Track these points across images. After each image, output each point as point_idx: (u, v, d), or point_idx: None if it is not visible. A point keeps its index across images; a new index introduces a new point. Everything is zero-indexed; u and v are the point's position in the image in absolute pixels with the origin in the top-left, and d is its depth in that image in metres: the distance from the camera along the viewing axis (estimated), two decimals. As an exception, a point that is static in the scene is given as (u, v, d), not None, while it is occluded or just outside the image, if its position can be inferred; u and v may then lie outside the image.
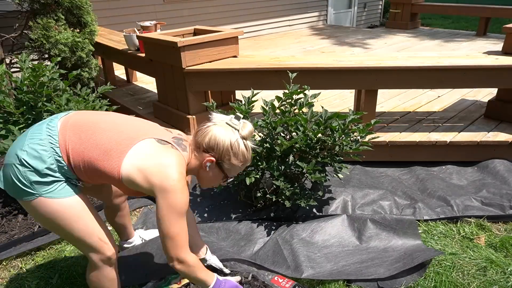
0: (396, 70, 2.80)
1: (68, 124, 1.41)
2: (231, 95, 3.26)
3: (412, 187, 2.72)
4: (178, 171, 1.36)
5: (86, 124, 1.41)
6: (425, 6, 7.81)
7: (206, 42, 2.88)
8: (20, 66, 2.66)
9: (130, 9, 5.85)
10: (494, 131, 3.00)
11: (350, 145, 2.21)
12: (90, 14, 3.59)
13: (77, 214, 1.42)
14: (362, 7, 9.68)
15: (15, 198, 1.40)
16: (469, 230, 2.30)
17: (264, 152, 2.27)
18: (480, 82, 2.89)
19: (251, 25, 7.43)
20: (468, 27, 9.73)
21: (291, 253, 2.09)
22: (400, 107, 3.60)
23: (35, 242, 2.30)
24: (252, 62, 2.95)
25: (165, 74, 3.12)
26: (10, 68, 3.88)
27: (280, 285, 1.84)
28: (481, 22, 7.11)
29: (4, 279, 2.08)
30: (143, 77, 4.70)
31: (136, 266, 2.09)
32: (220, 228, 2.36)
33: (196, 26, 3.34)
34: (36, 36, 3.25)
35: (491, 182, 2.70)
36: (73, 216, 1.41)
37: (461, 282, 1.93)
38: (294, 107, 2.30)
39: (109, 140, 1.37)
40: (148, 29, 3.45)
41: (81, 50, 3.44)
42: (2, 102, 2.42)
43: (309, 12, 8.42)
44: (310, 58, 3.04)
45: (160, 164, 1.35)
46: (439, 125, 3.16)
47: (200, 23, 6.21)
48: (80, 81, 3.60)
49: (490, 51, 3.11)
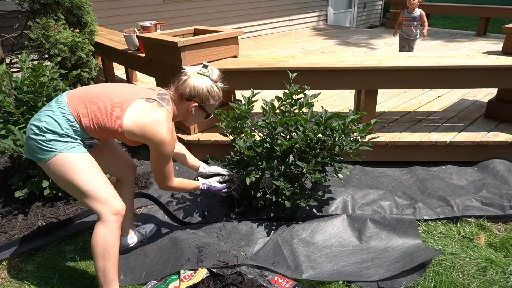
0: (396, 70, 2.80)
1: (73, 97, 1.70)
2: (231, 95, 3.26)
3: (412, 187, 2.72)
4: (166, 126, 1.68)
5: (88, 93, 1.71)
6: (425, 6, 7.82)
7: (206, 42, 2.88)
8: (20, 66, 2.66)
9: (130, 9, 5.85)
10: (494, 131, 3.00)
11: (350, 145, 2.21)
12: (90, 14, 3.59)
13: (89, 167, 1.68)
14: (362, 7, 9.68)
15: (38, 161, 1.66)
16: (469, 230, 2.30)
17: (264, 152, 2.27)
18: (480, 82, 2.89)
19: (251, 25, 7.43)
20: (468, 27, 9.73)
21: (291, 253, 2.09)
22: (400, 107, 3.60)
23: (35, 242, 2.30)
24: (252, 62, 2.95)
25: (165, 74, 3.12)
26: (10, 68, 3.88)
27: (280, 285, 1.84)
28: (481, 22, 7.11)
29: (4, 279, 2.08)
30: (143, 77, 4.70)
31: (136, 267, 2.09)
32: (220, 228, 2.35)
33: (196, 26, 3.34)
34: (36, 36, 3.25)
35: (491, 182, 2.70)
36: (87, 169, 1.66)
37: (461, 282, 1.92)
38: (294, 107, 2.30)
39: (109, 104, 1.67)
40: (148, 29, 3.45)
41: (81, 50, 3.44)
42: (2, 102, 2.42)
43: (309, 12, 8.42)
44: (310, 58, 3.04)
45: (152, 121, 1.67)
46: (439, 125, 3.16)
47: (200, 23, 6.21)
48: (80, 81, 3.60)
49: (490, 51, 3.11)
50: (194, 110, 1.82)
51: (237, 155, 2.42)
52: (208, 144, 3.00)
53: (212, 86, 1.79)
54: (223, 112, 2.28)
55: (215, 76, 1.81)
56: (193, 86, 1.76)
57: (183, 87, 1.77)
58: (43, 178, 2.53)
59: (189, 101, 1.79)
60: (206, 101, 1.80)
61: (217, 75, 1.82)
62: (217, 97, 1.83)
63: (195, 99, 1.78)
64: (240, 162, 2.39)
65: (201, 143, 3.01)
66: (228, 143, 2.58)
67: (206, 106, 1.83)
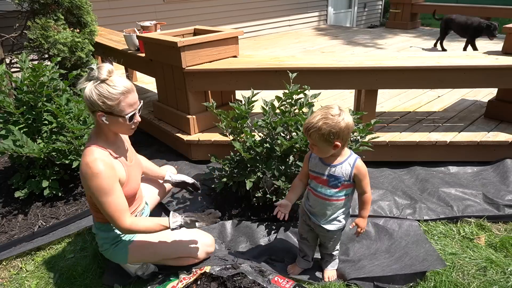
0: (396, 70, 2.80)
1: None
2: (231, 95, 3.26)
3: (412, 187, 2.72)
4: (87, 158, 1.58)
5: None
6: (425, 6, 7.81)
7: (206, 42, 2.88)
8: (20, 66, 2.66)
9: (130, 9, 5.85)
10: (494, 131, 3.00)
11: (350, 145, 2.21)
12: (90, 14, 3.58)
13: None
14: (362, 7, 9.68)
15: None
16: (469, 230, 2.30)
17: (264, 152, 2.27)
18: (480, 82, 2.89)
19: (251, 25, 7.43)
20: (468, 27, 9.71)
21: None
22: (400, 107, 3.60)
23: (35, 242, 2.30)
24: (252, 62, 2.95)
25: (165, 74, 3.12)
26: (10, 68, 3.88)
27: (280, 285, 1.84)
28: (481, 22, 7.10)
29: (4, 279, 2.08)
30: (143, 77, 4.70)
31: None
32: (220, 228, 2.35)
33: (196, 26, 3.34)
34: (35, 36, 3.25)
35: (491, 182, 2.69)
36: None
37: (461, 282, 1.92)
38: (294, 107, 2.30)
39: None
40: (148, 29, 3.45)
41: (80, 50, 3.44)
42: (2, 102, 2.42)
43: (309, 12, 8.42)
44: (310, 58, 3.04)
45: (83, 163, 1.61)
46: (439, 125, 3.16)
47: (200, 23, 6.21)
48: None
49: (490, 51, 3.11)
50: (105, 119, 1.59)
51: (237, 155, 2.42)
52: (208, 144, 3.00)
53: (100, 87, 1.53)
54: (223, 112, 2.28)
55: (104, 74, 1.54)
56: (85, 95, 1.56)
57: (83, 99, 1.59)
58: (43, 178, 2.53)
59: (94, 112, 1.59)
60: (103, 105, 1.55)
61: (106, 72, 1.54)
62: (114, 96, 1.55)
63: (95, 108, 1.57)
64: (240, 162, 2.39)
65: (201, 143, 3.01)
66: (228, 143, 2.58)
67: (112, 110, 1.57)
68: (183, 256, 1.92)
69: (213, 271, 1.90)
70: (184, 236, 1.92)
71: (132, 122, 1.65)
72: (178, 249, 1.90)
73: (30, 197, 2.61)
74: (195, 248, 1.93)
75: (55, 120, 2.50)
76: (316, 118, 1.53)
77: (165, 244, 1.87)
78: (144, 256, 1.89)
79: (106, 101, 1.54)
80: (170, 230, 1.75)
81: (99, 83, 1.54)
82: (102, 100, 1.54)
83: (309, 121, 1.55)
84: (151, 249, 1.86)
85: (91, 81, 1.56)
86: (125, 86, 1.57)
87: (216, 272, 1.90)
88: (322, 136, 1.53)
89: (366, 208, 1.76)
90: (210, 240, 2.00)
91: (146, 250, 1.86)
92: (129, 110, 1.61)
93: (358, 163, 1.67)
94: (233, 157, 2.43)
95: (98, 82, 1.54)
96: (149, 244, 1.86)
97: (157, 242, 1.86)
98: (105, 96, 1.54)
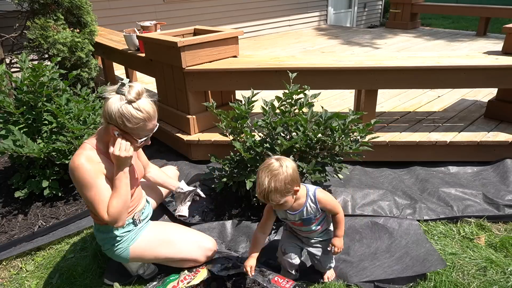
0: (396, 70, 2.80)
1: None
2: (231, 95, 3.26)
3: (412, 187, 2.72)
4: (78, 154, 1.59)
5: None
6: (425, 6, 7.81)
7: (206, 42, 2.88)
8: (20, 66, 2.66)
9: (130, 9, 5.85)
10: (494, 131, 3.00)
11: (350, 145, 2.21)
12: (90, 14, 3.59)
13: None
14: (362, 7, 9.68)
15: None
16: (469, 230, 2.30)
17: (264, 152, 2.27)
18: (480, 82, 2.89)
19: (251, 25, 7.43)
20: (468, 27, 9.73)
21: (291, 253, 2.09)
22: (400, 107, 3.60)
23: (35, 242, 2.30)
24: (252, 62, 2.95)
25: (165, 74, 3.12)
26: (10, 68, 3.88)
27: (280, 285, 1.84)
28: (481, 22, 7.11)
29: (4, 279, 2.08)
30: (143, 77, 4.70)
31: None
32: (220, 228, 2.35)
33: (196, 26, 3.34)
34: (34, 36, 3.25)
35: (491, 182, 2.69)
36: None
37: (461, 282, 1.92)
38: (294, 107, 2.30)
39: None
40: (148, 29, 3.45)
41: (80, 50, 3.44)
42: (2, 102, 2.42)
43: (309, 12, 8.42)
44: (310, 58, 3.04)
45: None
46: (439, 125, 3.16)
47: (200, 23, 6.22)
48: (80, 81, 3.60)
49: (490, 51, 3.11)
50: (117, 134, 1.60)
51: (237, 155, 2.42)
52: (208, 144, 3.00)
53: (126, 107, 1.53)
54: (223, 112, 2.28)
55: (132, 95, 1.53)
56: (106, 107, 1.56)
57: (103, 108, 1.59)
58: (43, 178, 2.53)
59: (109, 124, 1.59)
60: (121, 124, 1.56)
61: (135, 93, 1.54)
62: (135, 120, 1.56)
63: (112, 122, 1.57)
64: (240, 162, 2.39)
65: (201, 143, 3.01)
66: (228, 143, 2.57)
67: (128, 130, 1.59)
68: (184, 259, 1.93)
69: (214, 271, 1.91)
70: (186, 239, 1.94)
71: (140, 144, 1.66)
72: (180, 252, 1.91)
73: (30, 197, 2.61)
74: (197, 251, 1.94)
75: (55, 120, 2.50)
76: (265, 182, 1.52)
77: (166, 248, 1.89)
78: (145, 258, 1.90)
79: (126, 122, 1.55)
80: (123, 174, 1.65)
81: (125, 103, 1.54)
82: (122, 120, 1.55)
83: (261, 189, 1.54)
84: (152, 252, 1.88)
85: (118, 95, 1.55)
86: (148, 112, 1.58)
87: (216, 271, 1.91)
88: (282, 193, 1.55)
89: (340, 228, 1.80)
90: (212, 244, 2.01)
91: (147, 253, 1.87)
92: (144, 135, 1.64)
93: (318, 196, 1.72)
94: (233, 157, 2.43)
95: (125, 101, 1.54)
96: (150, 247, 1.87)
97: (159, 246, 1.88)
98: (127, 118, 1.54)
